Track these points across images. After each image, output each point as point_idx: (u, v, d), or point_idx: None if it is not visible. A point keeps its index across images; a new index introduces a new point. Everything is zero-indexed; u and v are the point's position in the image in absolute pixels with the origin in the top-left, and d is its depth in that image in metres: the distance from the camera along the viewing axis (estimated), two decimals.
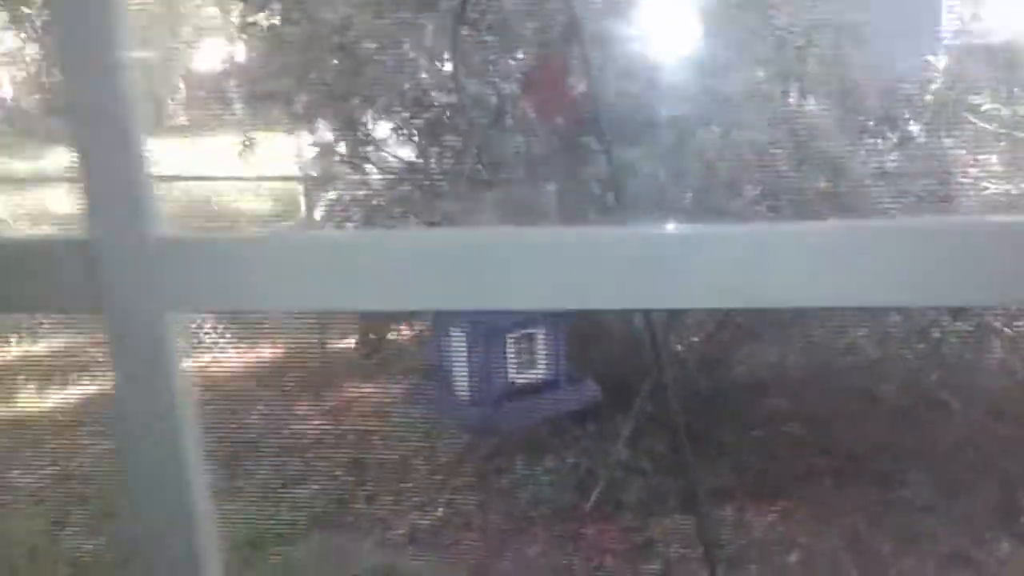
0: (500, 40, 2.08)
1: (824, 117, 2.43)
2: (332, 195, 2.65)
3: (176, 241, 0.57)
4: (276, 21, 2.27)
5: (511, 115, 2.00)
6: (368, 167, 2.55)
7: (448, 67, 2.20)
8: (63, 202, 2.67)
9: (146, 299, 0.58)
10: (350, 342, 2.70)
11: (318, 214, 2.66)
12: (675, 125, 2.27)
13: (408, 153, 2.50)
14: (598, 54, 1.98)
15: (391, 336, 2.52)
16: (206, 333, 2.73)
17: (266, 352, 2.88)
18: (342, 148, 2.51)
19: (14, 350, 2.85)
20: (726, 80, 2.32)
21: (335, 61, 2.27)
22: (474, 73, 2.03)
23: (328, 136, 2.52)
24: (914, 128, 2.45)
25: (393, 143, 2.49)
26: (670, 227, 0.52)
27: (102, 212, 0.57)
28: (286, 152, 2.85)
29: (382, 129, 2.48)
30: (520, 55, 2.12)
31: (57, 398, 2.65)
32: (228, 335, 2.75)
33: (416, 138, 2.44)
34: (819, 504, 2.37)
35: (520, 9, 2.04)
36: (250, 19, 2.29)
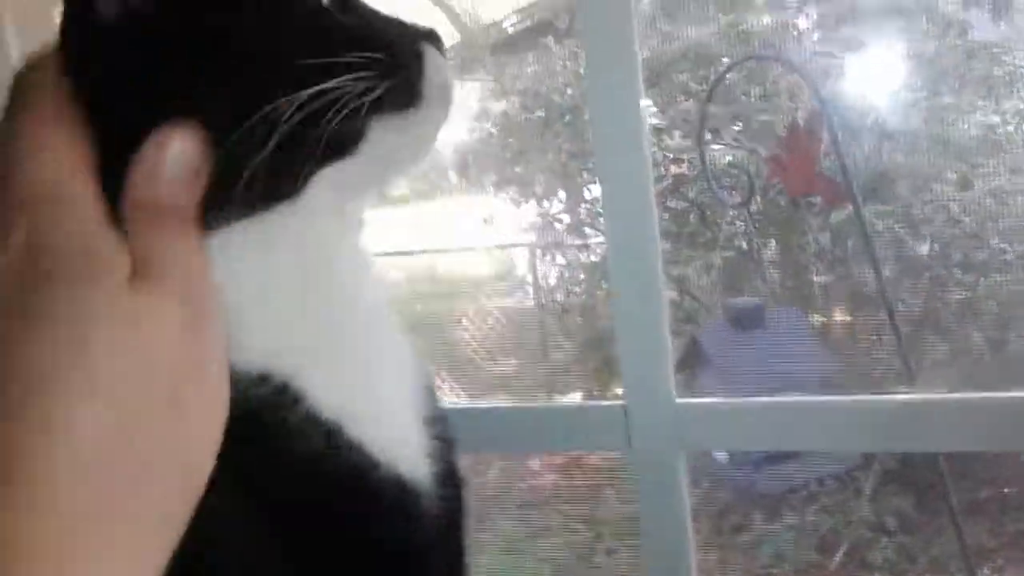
0: (744, 119, 2.16)
1: None
2: (561, 261, 2.78)
3: (689, 405, 0.69)
4: (513, 107, 2.44)
5: (759, 189, 2.06)
6: (590, 231, 2.68)
7: (678, 139, 2.29)
8: None
9: (668, 445, 0.69)
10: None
11: (551, 279, 2.80)
12: (911, 176, 2.25)
13: None
14: (837, 117, 2.02)
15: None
16: None
17: None
18: (567, 217, 2.65)
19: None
20: (961, 128, 2.28)
21: (564, 142, 2.41)
22: (719, 148, 2.11)
23: (555, 205, 2.66)
24: None
25: None
26: None
27: (635, 384, 0.69)
28: (509, 218, 3.00)
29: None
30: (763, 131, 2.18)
31: None
32: None
33: None
34: None
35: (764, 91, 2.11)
36: (489, 106, 2.47)
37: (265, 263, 0.42)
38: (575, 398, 2.87)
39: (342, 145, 0.41)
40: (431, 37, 0.44)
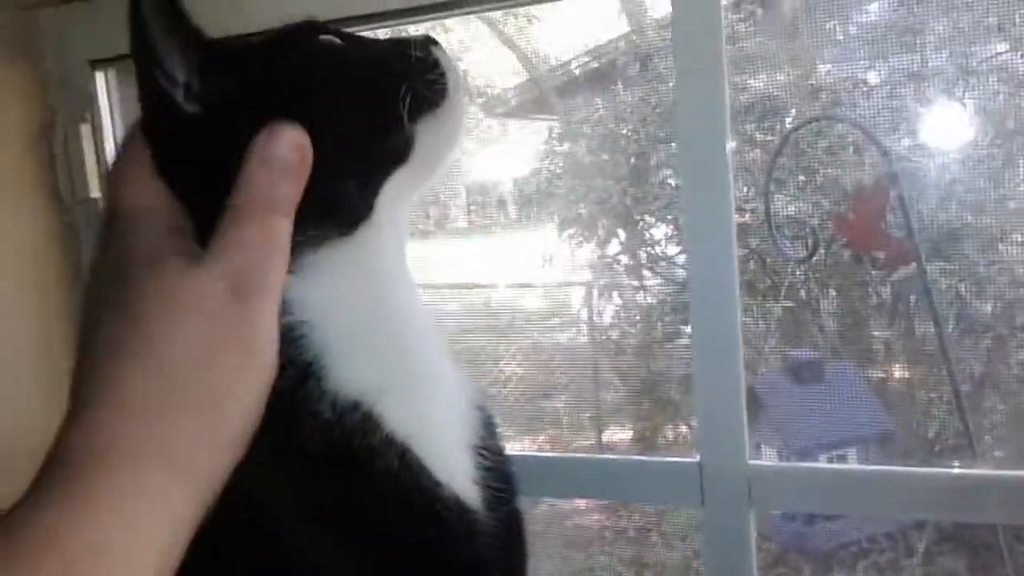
0: (809, 172, 2.17)
1: None
2: (617, 300, 2.80)
3: (762, 467, 0.72)
4: (579, 148, 2.49)
5: (823, 242, 2.07)
6: (647, 273, 2.70)
7: (743, 189, 2.31)
8: None
9: (739, 505, 0.72)
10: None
11: (605, 317, 2.82)
12: (977, 236, 2.24)
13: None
14: (904, 174, 2.03)
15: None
16: None
17: None
18: (624, 257, 2.68)
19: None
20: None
21: (628, 186, 2.44)
22: (783, 199, 2.13)
23: (613, 246, 2.69)
24: None
25: (674, 253, 2.61)
26: None
27: (711, 443, 0.73)
28: (568, 258, 3.02)
29: (662, 237, 2.63)
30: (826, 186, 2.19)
31: None
32: None
33: None
34: None
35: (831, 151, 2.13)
36: (554, 147, 2.52)
37: (347, 292, 0.48)
38: (624, 437, 2.88)
39: (399, 154, 0.49)
40: (432, 41, 0.52)
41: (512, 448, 0.54)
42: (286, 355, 0.45)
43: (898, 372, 2.32)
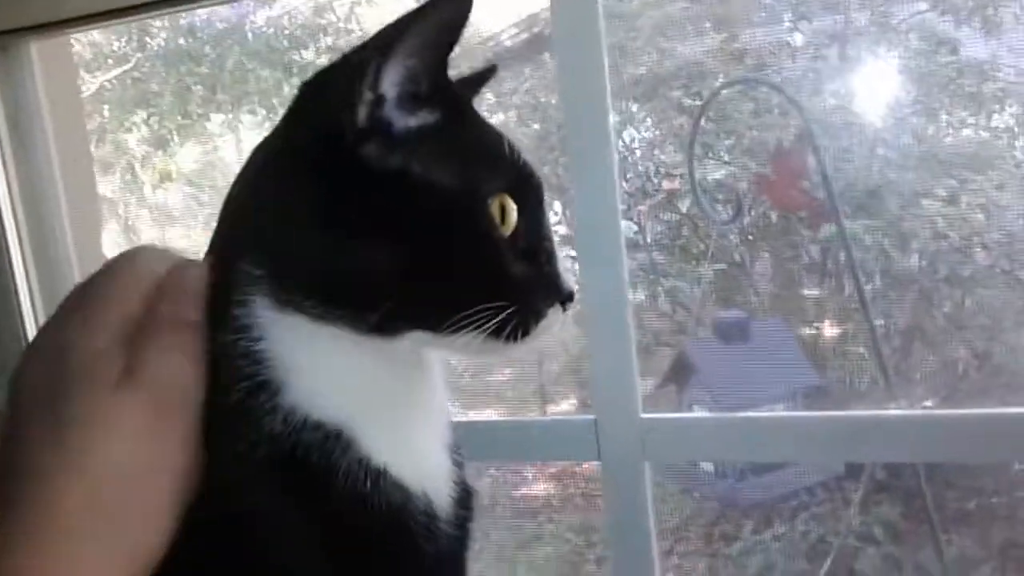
0: (735, 136, 2.20)
1: None
2: None
3: (654, 420, 0.73)
4: (510, 120, 2.48)
5: (749, 205, 2.10)
6: None
7: (671, 154, 2.33)
8: None
9: (633, 457, 0.74)
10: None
11: None
12: (901, 192, 2.29)
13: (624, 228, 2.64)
14: (827, 134, 2.06)
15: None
16: None
17: None
18: (563, 229, 2.69)
19: None
20: (950, 144, 2.32)
21: (560, 155, 2.45)
22: (711, 163, 2.15)
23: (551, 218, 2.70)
24: None
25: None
26: None
27: (604, 400, 0.74)
28: None
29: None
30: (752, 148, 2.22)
31: None
32: None
33: (638, 218, 2.58)
34: None
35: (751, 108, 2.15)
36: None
37: (338, 348, 0.48)
38: (568, 408, 2.91)
39: (439, 327, 0.48)
40: (566, 296, 0.52)
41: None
42: (240, 371, 0.46)
43: (828, 328, 2.37)
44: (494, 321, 0.47)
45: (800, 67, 2.42)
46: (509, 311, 0.48)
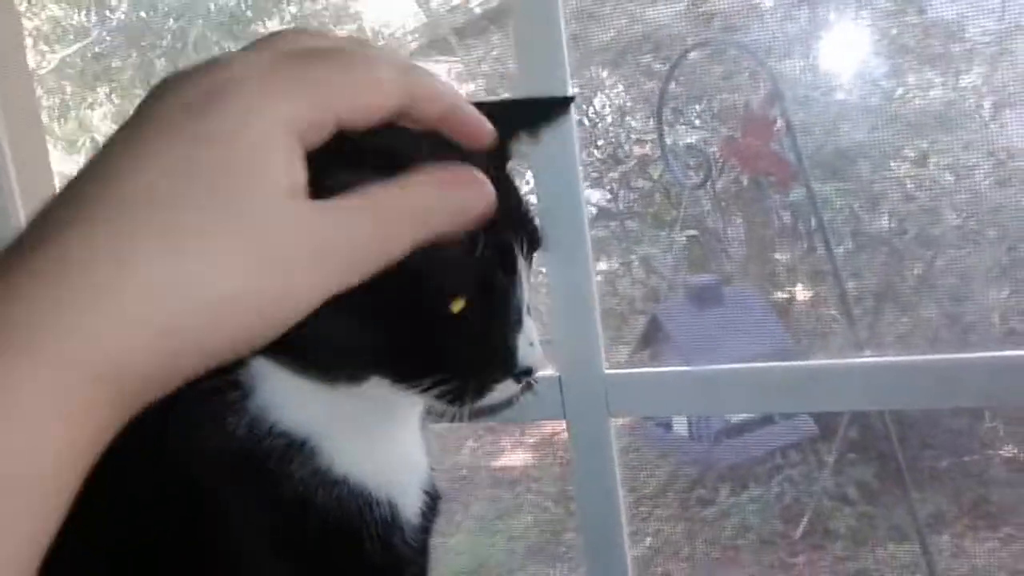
0: (705, 100, 2.18)
1: None
2: None
3: (615, 375, 0.73)
4: (479, 89, 2.45)
5: (719, 170, 2.09)
6: None
7: (641, 120, 2.31)
8: None
9: (598, 413, 0.73)
10: None
11: None
12: (870, 154, 2.29)
13: (598, 196, 2.63)
14: (796, 96, 2.05)
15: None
16: None
17: None
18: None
19: None
20: (919, 105, 2.32)
21: None
22: (681, 128, 2.14)
23: (522, 186, 2.68)
24: None
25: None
26: None
27: (568, 357, 0.73)
28: None
29: None
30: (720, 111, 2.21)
31: None
32: None
33: (610, 186, 2.57)
34: None
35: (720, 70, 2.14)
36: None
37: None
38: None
39: (395, 385, 0.49)
40: (520, 372, 0.51)
41: None
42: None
43: (800, 292, 2.38)
44: (441, 388, 0.49)
45: (769, 29, 2.41)
46: (455, 383, 0.49)
